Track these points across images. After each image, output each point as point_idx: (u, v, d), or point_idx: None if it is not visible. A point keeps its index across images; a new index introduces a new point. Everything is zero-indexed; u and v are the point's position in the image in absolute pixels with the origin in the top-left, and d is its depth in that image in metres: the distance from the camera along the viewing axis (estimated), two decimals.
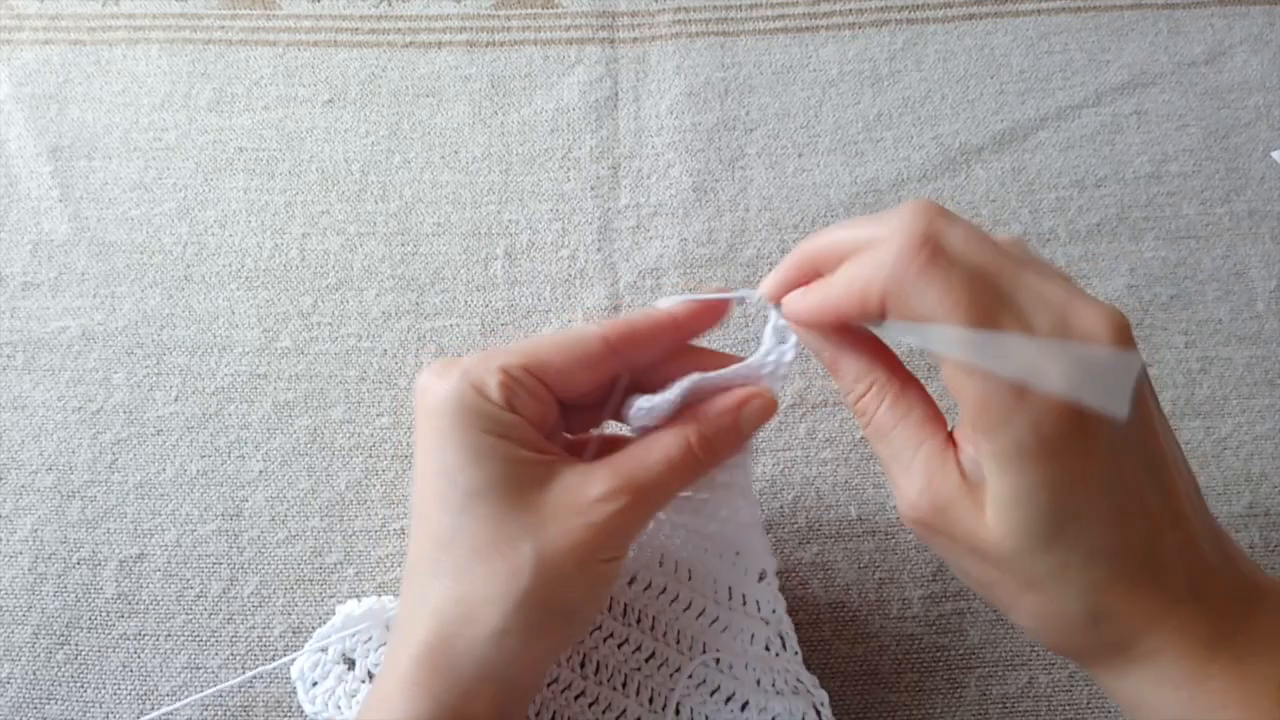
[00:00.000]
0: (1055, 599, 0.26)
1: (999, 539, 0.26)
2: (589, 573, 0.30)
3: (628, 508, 0.30)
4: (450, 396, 0.30)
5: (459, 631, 0.29)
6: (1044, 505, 0.25)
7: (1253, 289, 0.49)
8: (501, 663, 0.29)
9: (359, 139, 0.54)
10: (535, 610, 0.29)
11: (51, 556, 0.44)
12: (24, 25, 0.58)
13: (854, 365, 0.30)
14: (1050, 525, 0.26)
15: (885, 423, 0.29)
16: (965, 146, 0.53)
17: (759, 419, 0.32)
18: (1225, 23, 0.57)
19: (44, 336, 0.49)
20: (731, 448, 0.32)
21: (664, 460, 0.31)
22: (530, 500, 0.30)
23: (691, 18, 0.58)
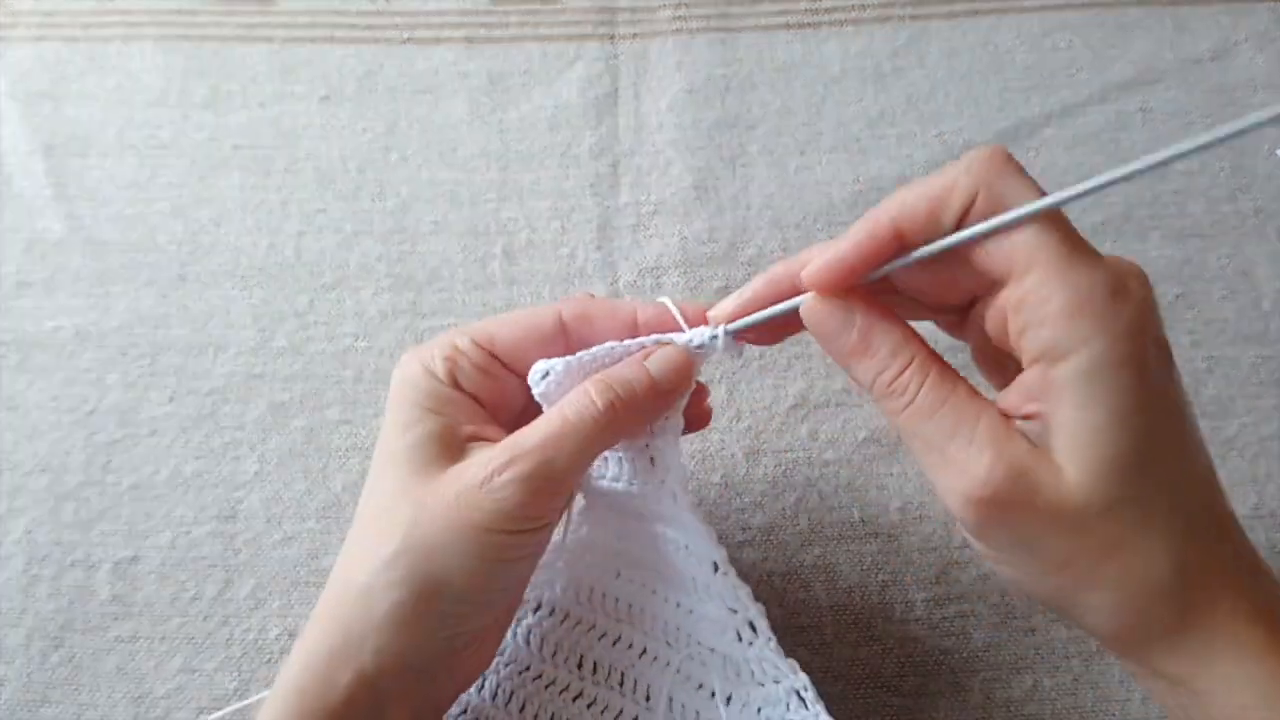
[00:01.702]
0: (1141, 558, 0.25)
1: (1085, 494, 0.25)
2: (471, 541, 0.29)
3: (509, 470, 0.28)
4: (401, 375, 0.32)
5: (337, 594, 0.30)
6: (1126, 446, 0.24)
7: (1259, 288, 0.49)
8: (365, 625, 0.29)
9: (355, 136, 0.54)
10: (403, 572, 0.28)
11: (45, 559, 0.44)
12: (18, 22, 0.58)
13: (889, 339, 0.28)
14: (1133, 466, 0.25)
15: (931, 400, 0.27)
16: (969, 144, 0.53)
17: (671, 369, 0.31)
18: (1231, 20, 0.56)
19: (38, 336, 0.49)
20: (644, 401, 0.30)
21: (556, 416, 0.30)
22: (432, 471, 0.30)
23: (692, 14, 0.57)
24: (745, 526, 0.44)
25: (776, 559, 0.43)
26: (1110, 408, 0.25)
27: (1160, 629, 0.26)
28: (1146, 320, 0.25)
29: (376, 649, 0.29)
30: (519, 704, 0.37)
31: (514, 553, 0.30)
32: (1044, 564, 0.26)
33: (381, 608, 0.29)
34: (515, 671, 0.38)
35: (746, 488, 0.45)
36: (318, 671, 0.29)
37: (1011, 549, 0.27)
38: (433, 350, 0.32)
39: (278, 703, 0.29)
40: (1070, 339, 0.25)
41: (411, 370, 0.32)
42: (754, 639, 0.33)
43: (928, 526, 0.44)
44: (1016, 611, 0.42)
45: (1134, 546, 0.25)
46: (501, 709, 0.38)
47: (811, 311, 0.29)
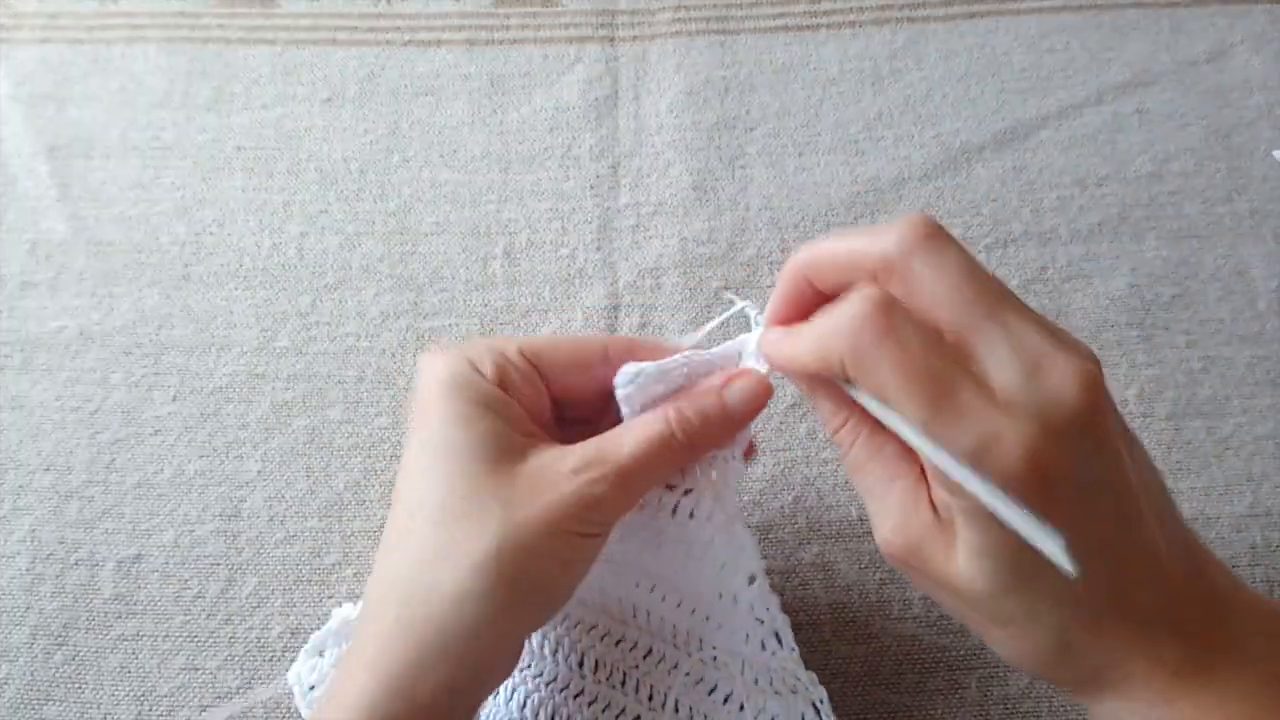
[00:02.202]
0: (1025, 635, 0.27)
1: (967, 582, 0.26)
2: (558, 545, 0.29)
3: (600, 481, 0.29)
4: (446, 369, 0.31)
5: (419, 598, 0.28)
6: (1009, 558, 0.25)
7: (1254, 288, 0.49)
8: (459, 633, 0.28)
9: (357, 138, 0.54)
10: (497, 577, 0.28)
11: (49, 557, 0.44)
12: (22, 24, 0.58)
13: (826, 403, 0.30)
14: (1016, 574, 0.26)
15: (860, 457, 0.29)
16: (966, 145, 0.53)
17: (747, 399, 0.31)
18: (1227, 21, 0.56)
19: (42, 336, 0.49)
20: (718, 430, 0.31)
21: (643, 438, 0.30)
22: (505, 469, 0.29)
23: (691, 16, 0.57)
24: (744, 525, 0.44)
25: (775, 557, 0.44)
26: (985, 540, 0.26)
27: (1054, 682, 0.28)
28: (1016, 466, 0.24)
29: (458, 659, 0.28)
30: (520, 701, 0.38)
31: (588, 554, 0.31)
32: (948, 610, 0.29)
33: (476, 618, 0.28)
34: (518, 669, 0.38)
35: (745, 486, 0.45)
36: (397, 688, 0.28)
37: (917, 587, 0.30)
38: (478, 354, 0.32)
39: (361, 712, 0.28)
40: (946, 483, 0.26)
41: (460, 368, 0.31)
42: (778, 649, 0.34)
43: None
44: None
45: (1019, 627, 0.27)
46: (503, 706, 0.38)
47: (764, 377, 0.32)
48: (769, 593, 0.33)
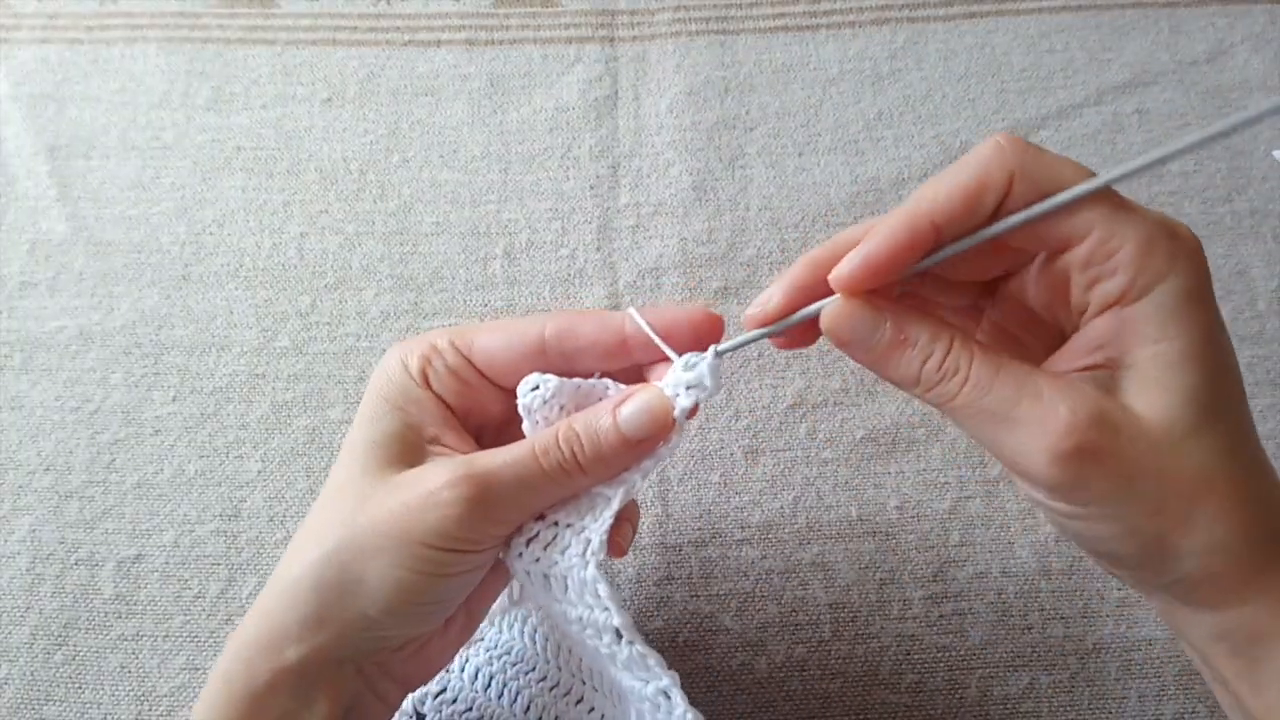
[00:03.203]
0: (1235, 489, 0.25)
1: (1167, 421, 0.25)
2: (401, 552, 0.28)
3: (456, 489, 0.28)
4: (380, 367, 0.32)
5: (269, 584, 0.30)
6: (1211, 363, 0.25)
7: (1254, 288, 0.49)
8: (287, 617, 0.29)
9: (357, 138, 0.54)
10: (329, 570, 0.28)
11: (49, 557, 0.44)
12: (21, 24, 0.58)
13: (925, 326, 0.27)
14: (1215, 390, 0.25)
15: (986, 372, 0.26)
16: (966, 145, 0.53)
17: (643, 418, 0.29)
18: (1226, 22, 0.56)
19: (41, 336, 0.49)
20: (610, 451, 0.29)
21: (522, 450, 0.29)
22: (385, 471, 0.29)
23: (691, 16, 0.57)
24: (744, 525, 0.44)
25: (775, 557, 0.44)
26: (1188, 339, 0.25)
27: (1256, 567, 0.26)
28: (1202, 258, 0.26)
29: (299, 641, 0.29)
30: (523, 704, 0.38)
31: (445, 569, 0.29)
32: (1136, 510, 0.25)
33: (304, 606, 0.29)
34: (521, 672, 0.38)
35: (745, 486, 0.45)
36: (245, 660, 0.29)
37: (1101, 502, 0.26)
38: (412, 347, 0.31)
39: (209, 687, 0.30)
40: (1146, 278, 0.25)
41: (389, 364, 0.31)
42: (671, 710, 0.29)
43: (925, 525, 0.44)
44: (1013, 609, 0.43)
45: (1226, 477, 0.25)
46: (506, 708, 0.38)
47: (839, 316, 0.28)
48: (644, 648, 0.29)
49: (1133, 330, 0.26)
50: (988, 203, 0.26)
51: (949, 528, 0.44)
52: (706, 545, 0.44)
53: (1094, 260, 0.26)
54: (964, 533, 0.44)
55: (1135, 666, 0.41)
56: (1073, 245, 0.26)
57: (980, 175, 0.26)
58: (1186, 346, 0.25)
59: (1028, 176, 0.26)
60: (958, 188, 0.26)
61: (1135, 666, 0.41)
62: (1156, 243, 0.25)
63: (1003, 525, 0.44)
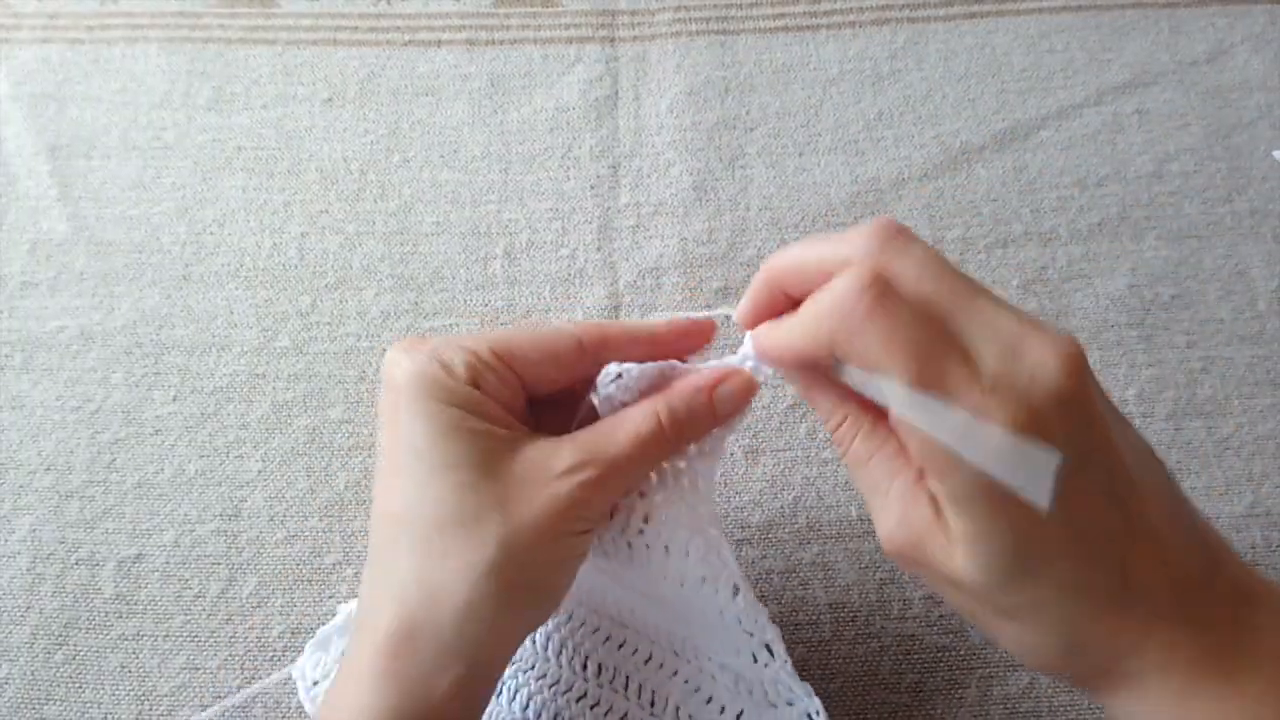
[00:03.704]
0: (1031, 631, 0.26)
1: (970, 575, 0.26)
2: (556, 545, 0.29)
3: (594, 480, 0.29)
4: (417, 371, 0.30)
5: (422, 612, 0.29)
6: (1005, 546, 0.25)
7: (1254, 288, 0.49)
8: (466, 642, 0.29)
9: (358, 138, 0.54)
10: (501, 585, 0.28)
11: (50, 557, 0.44)
12: (22, 24, 0.58)
13: (825, 400, 0.30)
14: (1015, 564, 0.25)
15: (860, 454, 0.29)
16: (966, 145, 0.53)
17: (736, 399, 0.32)
18: (1227, 22, 0.57)
19: (42, 336, 0.49)
20: (705, 428, 0.32)
21: (632, 434, 0.30)
22: (496, 473, 0.29)
23: (691, 16, 0.57)
24: (744, 525, 0.44)
25: (775, 557, 0.44)
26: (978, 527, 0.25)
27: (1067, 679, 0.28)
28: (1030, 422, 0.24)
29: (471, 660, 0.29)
30: (522, 702, 0.38)
31: (582, 550, 0.31)
32: (953, 606, 0.29)
33: (483, 623, 0.29)
34: (520, 670, 0.38)
35: (745, 486, 0.45)
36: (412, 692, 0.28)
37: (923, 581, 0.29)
38: (449, 355, 0.31)
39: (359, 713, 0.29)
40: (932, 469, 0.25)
41: (431, 369, 0.30)
42: (770, 661, 0.33)
43: None
44: None
45: (1024, 622, 0.26)
46: (505, 706, 0.38)
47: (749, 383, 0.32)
48: (755, 604, 0.32)
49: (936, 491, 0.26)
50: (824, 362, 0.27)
51: None
52: None
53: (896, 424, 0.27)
54: None
55: None
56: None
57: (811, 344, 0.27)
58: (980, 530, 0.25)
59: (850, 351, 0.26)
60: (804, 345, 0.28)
61: None
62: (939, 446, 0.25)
63: None
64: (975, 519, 0.25)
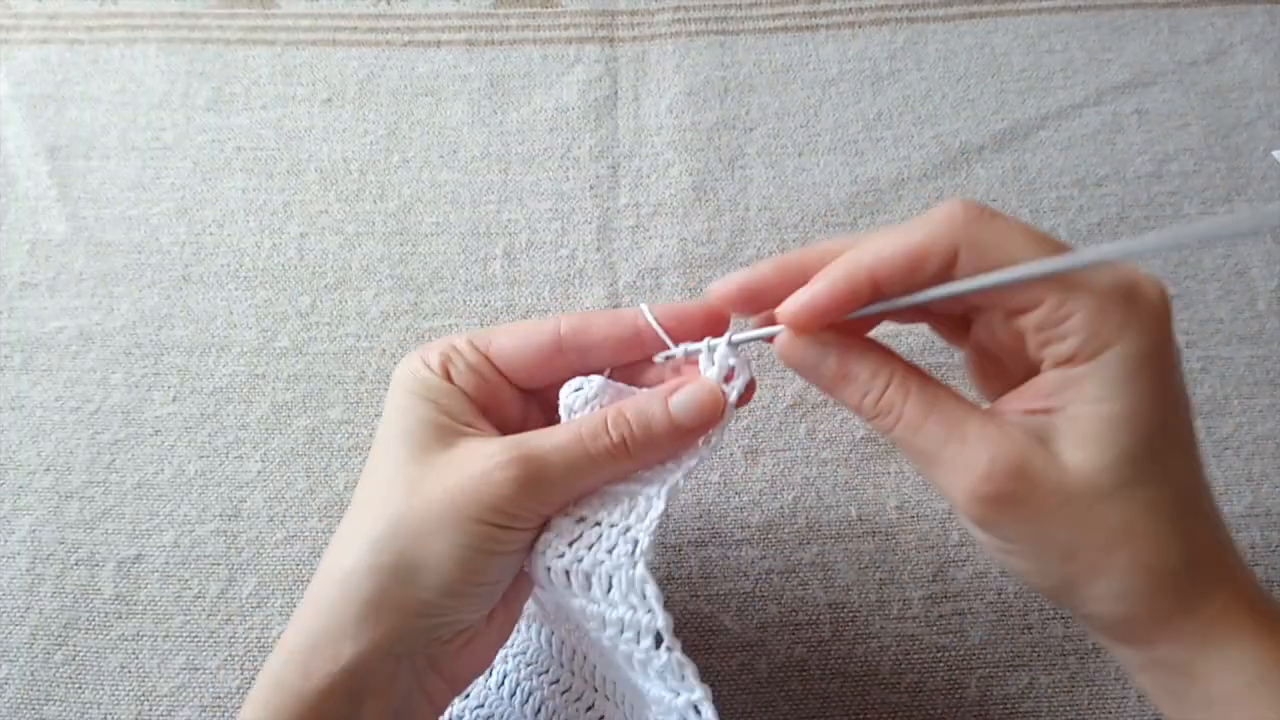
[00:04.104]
0: (1151, 543, 0.26)
1: (1091, 477, 0.25)
2: (457, 529, 0.28)
3: (509, 468, 0.28)
4: (399, 371, 0.32)
5: (321, 578, 0.30)
6: (1149, 424, 0.25)
7: (1254, 288, 0.49)
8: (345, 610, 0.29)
9: (357, 138, 0.54)
10: (386, 555, 0.29)
11: (49, 557, 0.44)
12: (21, 25, 0.58)
13: (867, 364, 0.28)
14: (1150, 449, 0.25)
15: (917, 413, 0.27)
16: (966, 146, 0.53)
17: (696, 409, 0.30)
18: (1226, 22, 0.57)
19: (41, 336, 0.49)
20: (662, 440, 0.30)
21: (569, 436, 0.29)
22: (427, 455, 0.30)
23: (691, 16, 0.57)
24: (744, 525, 0.44)
25: (774, 557, 0.44)
26: (1128, 402, 0.26)
27: (1165, 614, 0.27)
28: (1160, 320, 0.26)
29: (356, 635, 0.29)
30: (535, 706, 0.38)
31: (497, 546, 0.29)
32: (1050, 555, 0.27)
33: (364, 592, 0.29)
34: (535, 673, 0.38)
35: (745, 486, 0.45)
36: (298, 663, 0.29)
37: (1018, 542, 0.27)
38: (431, 348, 0.33)
39: (258, 695, 0.29)
40: (1095, 344, 0.26)
41: (409, 365, 0.32)
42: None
43: (925, 525, 0.44)
44: (1013, 609, 0.43)
45: (1144, 532, 0.26)
46: (518, 709, 0.38)
47: (787, 348, 0.29)
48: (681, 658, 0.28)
49: (1078, 388, 0.26)
50: (928, 270, 0.27)
51: (948, 528, 0.44)
52: (706, 545, 0.44)
53: (1046, 325, 0.26)
54: (963, 533, 0.44)
55: None
56: (1026, 311, 0.27)
57: (926, 242, 0.27)
58: (1126, 409, 0.26)
59: (976, 249, 0.26)
60: (902, 250, 0.27)
61: None
62: (1109, 310, 0.26)
63: None
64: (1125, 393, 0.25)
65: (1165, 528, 0.26)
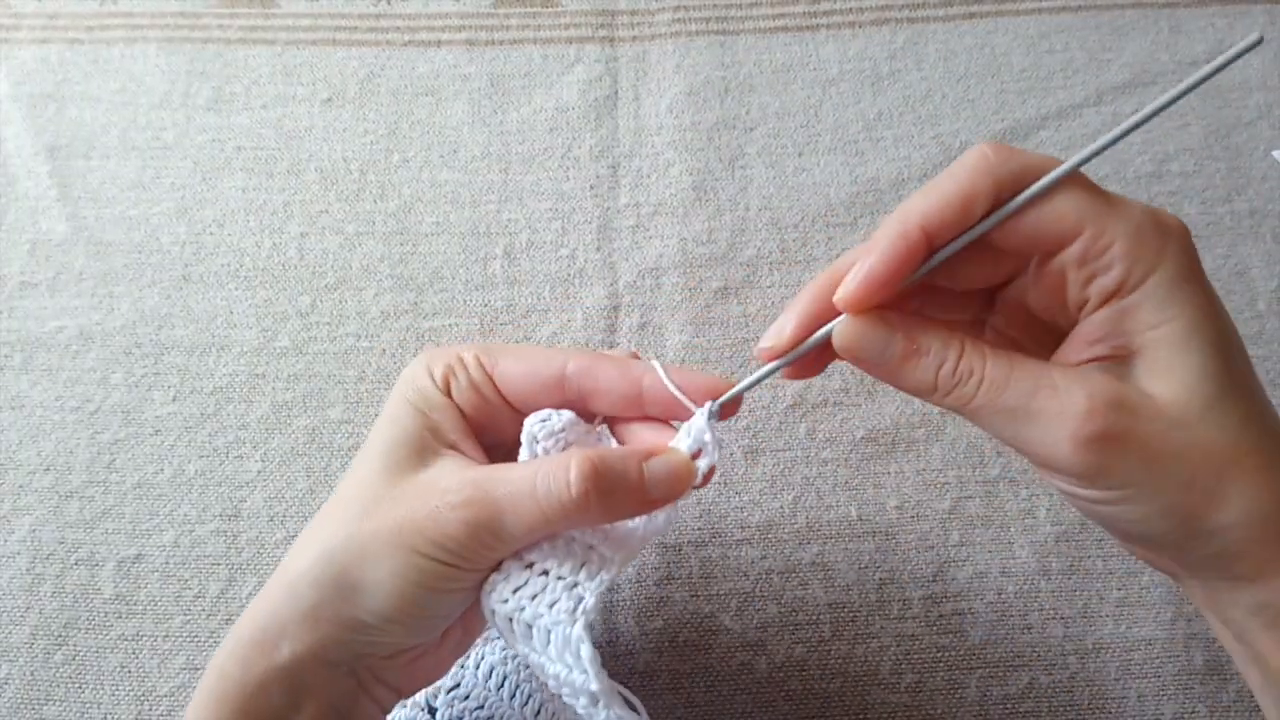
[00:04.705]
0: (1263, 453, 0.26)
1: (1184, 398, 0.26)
2: (399, 560, 0.28)
3: (460, 509, 0.28)
4: (405, 372, 0.32)
5: (273, 579, 0.30)
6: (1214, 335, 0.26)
7: (1254, 288, 0.49)
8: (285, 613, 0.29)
9: (357, 138, 0.54)
10: (328, 569, 0.28)
11: (49, 557, 0.44)
12: (21, 24, 0.58)
13: (937, 334, 0.28)
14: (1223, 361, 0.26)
15: (1000, 371, 0.27)
16: (966, 145, 0.53)
17: (669, 479, 0.29)
18: (1226, 22, 0.57)
19: (42, 336, 0.49)
20: (627, 500, 0.29)
21: (527, 477, 0.28)
22: (398, 474, 0.30)
23: (691, 16, 0.57)
24: (744, 525, 0.44)
25: (775, 557, 0.44)
26: (1188, 317, 0.26)
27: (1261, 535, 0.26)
28: (1189, 243, 0.27)
29: (294, 639, 0.29)
30: (534, 708, 0.38)
31: (441, 584, 0.29)
32: (1166, 489, 0.26)
33: (303, 603, 0.29)
34: (533, 674, 0.38)
35: (745, 486, 0.45)
36: (239, 656, 0.29)
37: (1129, 485, 0.26)
38: (439, 355, 0.32)
39: (205, 681, 0.30)
40: (1140, 268, 0.26)
41: (414, 369, 0.32)
42: None
43: (925, 525, 0.44)
44: (1013, 609, 0.43)
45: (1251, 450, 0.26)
46: (517, 710, 0.38)
47: (850, 334, 0.28)
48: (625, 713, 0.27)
49: (1134, 318, 0.26)
50: (976, 211, 0.27)
51: (948, 528, 0.44)
52: (706, 545, 0.44)
53: (1088, 257, 0.27)
54: (963, 533, 0.44)
55: (1135, 666, 0.41)
56: (1066, 245, 0.27)
57: (967, 184, 0.27)
58: (1188, 324, 0.26)
59: (1015, 180, 0.27)
60: (946, 196, 0.27)
61: (1135, 666, 0.41)
62: (1146, 234, 0.26)
63: (1002, 525, 0.44)
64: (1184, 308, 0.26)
65: (1269, 442, 0.26)
